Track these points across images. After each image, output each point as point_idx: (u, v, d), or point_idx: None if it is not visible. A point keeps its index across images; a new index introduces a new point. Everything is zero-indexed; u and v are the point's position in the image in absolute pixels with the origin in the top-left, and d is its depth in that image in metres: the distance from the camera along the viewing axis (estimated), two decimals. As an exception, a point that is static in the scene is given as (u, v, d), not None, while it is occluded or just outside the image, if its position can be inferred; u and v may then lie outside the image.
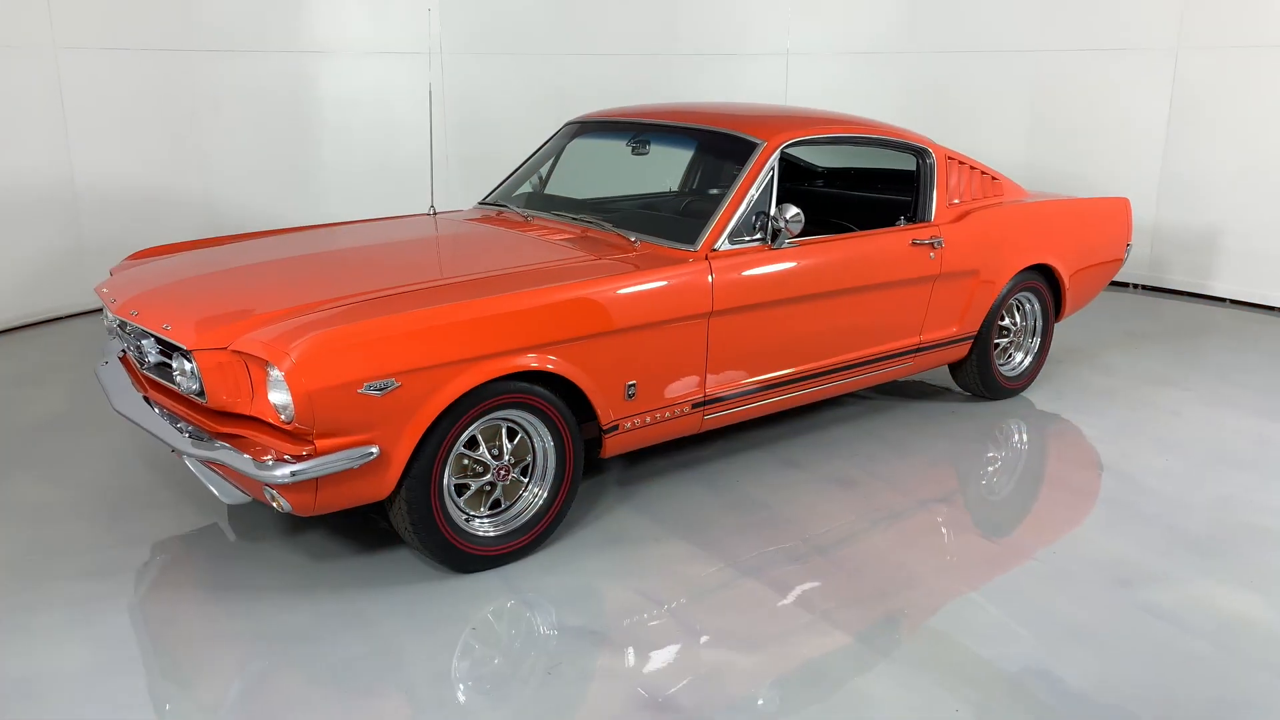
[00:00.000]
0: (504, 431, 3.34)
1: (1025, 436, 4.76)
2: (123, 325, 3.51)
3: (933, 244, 4.45)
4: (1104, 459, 4.43)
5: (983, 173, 4.89)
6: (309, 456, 2.89)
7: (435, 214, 4.71)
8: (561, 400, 3.39)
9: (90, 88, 6.44)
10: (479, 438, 3.28)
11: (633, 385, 3.55)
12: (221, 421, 3.12)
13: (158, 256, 4.05)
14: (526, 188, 4.73)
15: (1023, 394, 5.20)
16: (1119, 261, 5.55)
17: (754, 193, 3.92)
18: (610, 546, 3.54)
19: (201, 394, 3.08)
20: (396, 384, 2.97)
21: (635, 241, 3.87)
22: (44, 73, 6.21)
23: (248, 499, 3.18)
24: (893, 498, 4.00)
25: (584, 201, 4.69)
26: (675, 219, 4.15)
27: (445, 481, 3.20)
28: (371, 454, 2.96)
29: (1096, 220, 5.39)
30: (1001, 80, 8.03)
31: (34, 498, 3.85)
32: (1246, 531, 3.74)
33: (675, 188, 5.23)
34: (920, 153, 4.61)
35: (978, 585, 3.33)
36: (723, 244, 3.80)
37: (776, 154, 4.00)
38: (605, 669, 2.84)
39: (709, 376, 3.79)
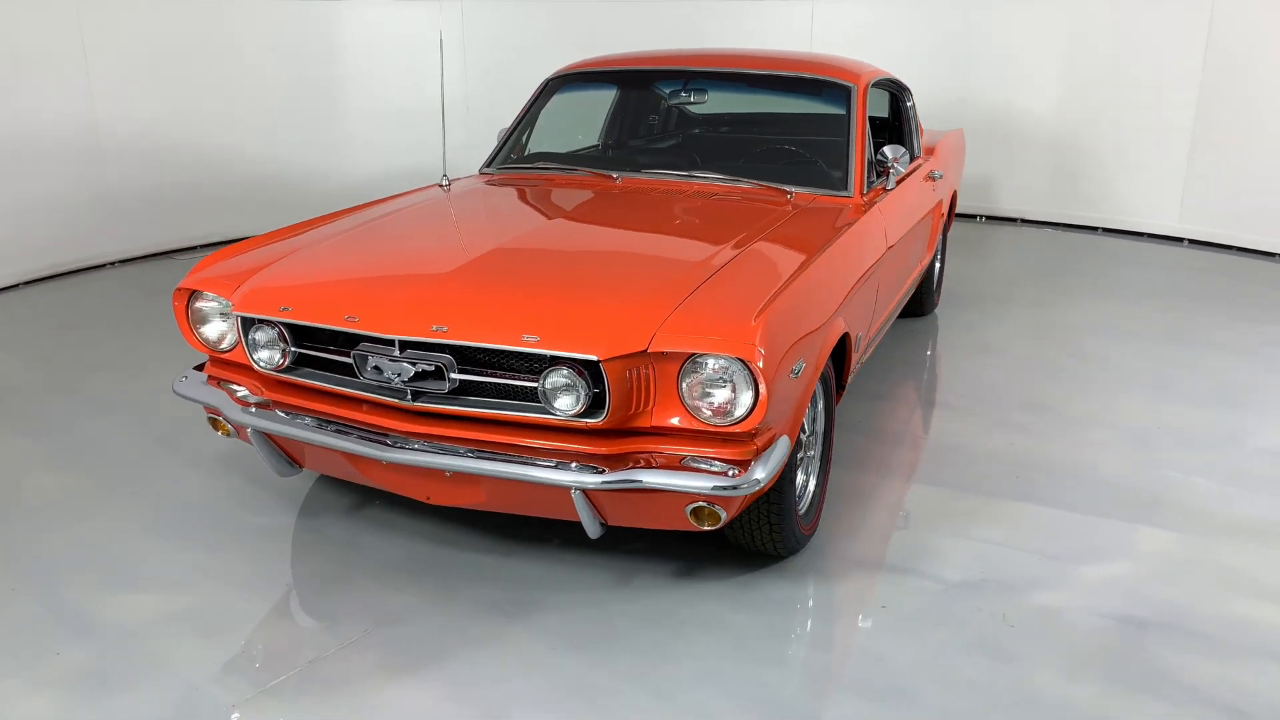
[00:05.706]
0: (797, 402, 3.14)
1: (1002, 342, 5.24)
2: (357, 341, 2.68)
3: (933, 176, 4.80)
4: (1089, 349, 5.03)
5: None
6: (746, 462, 2.53)
7: (449, 183, 4.08)
8: (825, 362, 3.26)
9: (112, 35, 6.36)
10: (787, 412, 3.05)
11: (859, 338, 3.49)
12: (587, 441, 2.57)
13: (248, 251, 3.15)
14: (590, 147, 4.35)
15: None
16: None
17: (865, 135, 3.96)
18: (866, 502, 3.48)
19: (598, 411, 2.51)
20: (804, 364, 2.68)
21: (790, 194, 3.73)
22: (64, 19, 6.12)
23: (603, 531, 2.68)
24: (1019, 415, 4.25)
25: (663, 152, 4.51)
26: (810, 168, 4.00)
27: (793, 464, 2.95)
28: (788, 445, 2.66)
29: (961, 149, 6.11)
30: (1034, 27, 7.70)
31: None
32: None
33: (601, 140, 4.94)
34: (904, 90, 4.90)
35: (1202, 474, 3.68)
36: (864, 189, 3.83)
37: (867, 94, 4.07)
38: (1042, 608, 2.86)
39: (873, 320, 3.83)
